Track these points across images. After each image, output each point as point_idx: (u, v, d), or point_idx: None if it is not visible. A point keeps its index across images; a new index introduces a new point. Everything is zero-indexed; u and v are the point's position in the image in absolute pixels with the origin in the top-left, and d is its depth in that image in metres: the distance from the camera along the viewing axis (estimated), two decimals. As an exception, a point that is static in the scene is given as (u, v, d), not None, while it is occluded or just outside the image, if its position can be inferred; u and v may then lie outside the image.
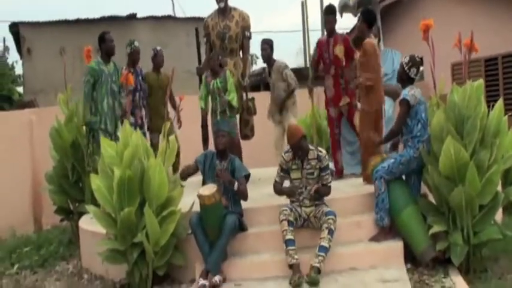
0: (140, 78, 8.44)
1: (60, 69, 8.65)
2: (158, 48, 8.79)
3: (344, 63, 7.82)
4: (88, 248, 7.08)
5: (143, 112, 8.46)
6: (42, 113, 11.27)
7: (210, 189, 5.81)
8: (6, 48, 25.98)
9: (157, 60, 8.70)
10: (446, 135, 5.69)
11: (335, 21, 7.98)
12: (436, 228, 5.76)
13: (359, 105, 7.58)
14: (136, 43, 8.48)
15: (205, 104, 8.34)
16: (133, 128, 7.97)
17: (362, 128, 7.30)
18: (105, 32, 8.19)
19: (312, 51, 8.39)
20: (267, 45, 8.35)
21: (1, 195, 10.18)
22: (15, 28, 18.69)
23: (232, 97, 8.17)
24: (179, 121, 8.34)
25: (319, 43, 8.20)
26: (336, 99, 7.97)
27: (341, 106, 7.94)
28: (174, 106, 8.48)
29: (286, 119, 8.28)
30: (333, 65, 7.94)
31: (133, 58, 8.39)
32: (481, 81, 6.12)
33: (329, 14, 8.01)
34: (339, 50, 7.85)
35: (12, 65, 24.81)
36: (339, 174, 8.09)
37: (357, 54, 7.62)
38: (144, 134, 8.19)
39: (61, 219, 8.96)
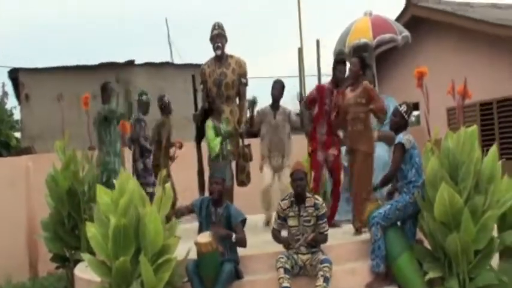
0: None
1: (58, 115, 8.72)
2: (165, 96, 8.95)
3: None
4: (83, 296, 7.03)
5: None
6: (39, 159, 11.28)
7: (207, 237, 5.79)
8: (4, 94, 26.07)
9: (166, 107, 8.91)
10: (441, 181, 5.74)
11: (345, 70, 7.93)
12: (432, 274, 5.78)
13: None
14: (144, 97, 8.71)
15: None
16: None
17: (361, 173, 7.17)
18: (105, 82, 8.45)
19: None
20: (279, 85, 8.30)
21: (-3, 242, 10.14)
22: (14, 74, 18.79)
23: (215, 143, 8.13)
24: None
25: (321, 88, 8.07)
26: (328, 144, 7.85)
27: (328, 153, 7.83)
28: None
29: (286, 165, 8.21)
30: (331, 114, 7.89)
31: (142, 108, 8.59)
32: (475, 127, 6.19)
33: (340, 63, 7.99)
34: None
35: (11, 111, 24.87)
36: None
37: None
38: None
39: (56, 267, 8.89)
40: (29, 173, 11.06)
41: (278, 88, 8.32)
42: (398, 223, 6.40)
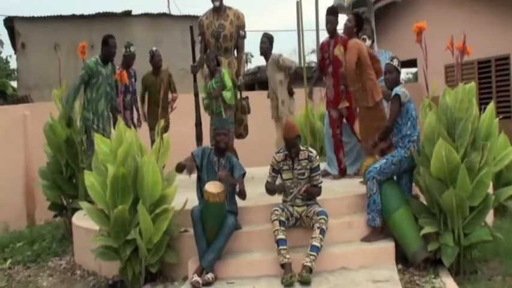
0: (133, 80, 8.53)
1: (54, 64, 8.65)
2: (154, 48, 8.84)
3: (344, 65, 7.79)
4: (81, 244, 7.10)
5: (134, 114, 8.56)
6: (36, 108, 11.29)
7: (217, 188, 5.76)
8: (0, 43, 25.96)
9: (155, 61, 8.82)
10: (438, 137, 5.74)
11: (336, 22, 8.04)
12: (427, 230, 5.82)
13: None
14: (132, 48, 8.55)
15: (206, 106, 8.30)
16: None
17: (364, 129, 7.30)
18: (109, 35, 8.11)
19: (306, 51, 8.42)
20: (266, 39, 8.38)
21: (-6, 190, 10.19)
22: (9, 23, 18.65)
23: (226, 95, 8.11)
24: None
25: (321, 45, 8.26)
26: (336, 101, 8.00)
27: (340, 109, 7.95)
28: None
29: (284, 114, 8.30)
30: (332, 65, 8.00)
31: (127, 62, 8.47)
32: (472, 84, 6.17)
33: (329, 14, 8.06)
34: (339, 51, 7.87)
35: (6, 59, 24.75)
36: (342, 173, 8.14)
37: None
38: None
39: (54, 215, 8.98)
40: (26, 122, 11.06)
41: (264, 41, 8.43)
42: (395, 178, 6.44)
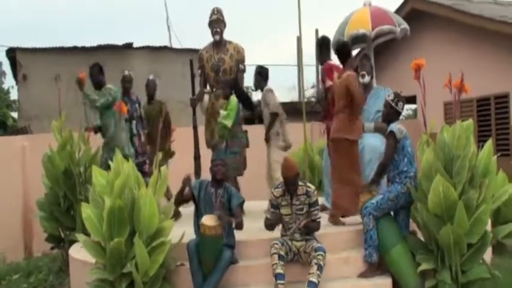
0: (137, 105, 8.53)
1: (55, 95, 8.68)
2: (150, 77, 8.85)
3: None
4: (78, 277, 7.04)
5: (142, 139, 8.54)
6: (35, 139, 11.30)
7: (213, 221, 5.78)
8: (2, 73, 26.14)
9: (148, 89, 8.84)
10: (436, 173, 5.76)
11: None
12: (424, 266, 5.81)
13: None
14: (126, 71, 8.59)
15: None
16: (135, 157, 8.12)
17: (341, 161, 7.19)
18: (92, 64, 8.32)
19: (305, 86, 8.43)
20: (256, 73, 8.48)
21: (-8, 221, 10.17)
22: (12, 53, 18.74)
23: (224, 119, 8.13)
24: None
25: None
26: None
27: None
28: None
29: (270, 152, 8.29)
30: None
31: (122, 85, 8.51)
32: (470, 122, 6.22)
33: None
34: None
35: (8, 90, 24.90)
36: None
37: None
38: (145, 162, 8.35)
39: (51, 247, 8.92)
40: (25, 152, 11.07)
41: (254, 75, 8.60)
42: (392, 213, 6.43)
